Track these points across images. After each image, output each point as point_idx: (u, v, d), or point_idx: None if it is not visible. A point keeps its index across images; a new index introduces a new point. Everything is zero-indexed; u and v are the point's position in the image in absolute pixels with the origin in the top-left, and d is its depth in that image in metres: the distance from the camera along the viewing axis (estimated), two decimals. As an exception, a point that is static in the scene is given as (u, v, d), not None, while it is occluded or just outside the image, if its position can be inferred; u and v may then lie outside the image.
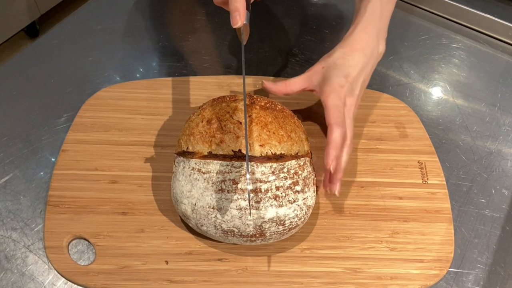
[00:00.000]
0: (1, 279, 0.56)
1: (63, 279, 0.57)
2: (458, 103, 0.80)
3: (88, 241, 0.59)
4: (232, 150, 0.55)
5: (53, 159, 0.67)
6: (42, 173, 0.66)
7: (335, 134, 0.58)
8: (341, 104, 0.60)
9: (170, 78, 0.77)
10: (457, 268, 0.61)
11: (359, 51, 0.64)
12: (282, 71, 0.81)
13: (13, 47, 2.11)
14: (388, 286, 0.58)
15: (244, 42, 0.58)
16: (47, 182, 0.64)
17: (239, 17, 0.56)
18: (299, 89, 0.67)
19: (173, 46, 0.85)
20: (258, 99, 0.60)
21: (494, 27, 0.90)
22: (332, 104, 0.60)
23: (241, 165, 0.54)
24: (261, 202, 0.54)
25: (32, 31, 2.16)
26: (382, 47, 0.67)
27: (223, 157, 0.55)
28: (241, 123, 0.56)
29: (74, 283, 0.56)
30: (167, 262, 0.58)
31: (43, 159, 0.67)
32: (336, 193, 0.60)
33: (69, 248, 0.59)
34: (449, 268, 0.60)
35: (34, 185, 0.64)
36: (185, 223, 0.61)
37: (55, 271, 0.57)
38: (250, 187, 0.54)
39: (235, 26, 0.57)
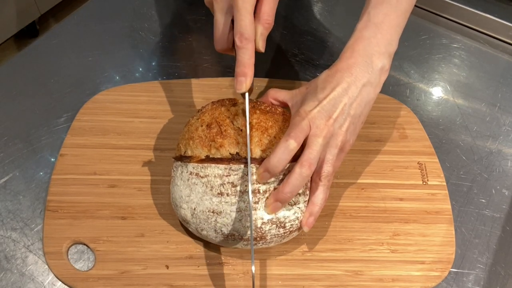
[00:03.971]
0: (1, 279, 0.56)
1: None
2: (458, 103, 0.78)
3: (88, 246, 0.58)
4: (230, 153, 0.54)
5: (52, 159, 0.66)
6: (41, 173, 0.64)
7: (280, 146, 0.52)
8: (304, 126, 0.53)
9: (168, 81, 0.76)
10: (458, 268, 0.60)
11: (345, 70, 0.56)
12: (282, 71, 0.80)
13: (13, 47, 2.10)
14: None
15: (247, 100, 0.55)
16: (46, 182, 0.63)
17: (245, 83, 0.53)
18: (281, 101, 0.62)
19: (173, 46, 0.83)
20: (258, 103, 0.59)
21: (494, 27, 0.88)
22: (292, 122, 0.55)
23: (239, 168, 0.53)
24: (259, 203, 0.53)
25: (32, 31, 2.15)
26: (380, 63, 0.57)
27: (221, 161, 0.54)
28: (241, 130, 0.55)
29: None
30: (167, 267, 0.57)
31: (43, 159, 0.66)
32: (305, 229, 0.56)
33: (69, 253, 0.58)
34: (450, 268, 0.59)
35: (34, 185, 0.63)
36: (185, 227, 0.60)
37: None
38: (251, 188, 0.52)
39: (239, 92, 0.53)
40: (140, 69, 0.79)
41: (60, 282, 0.55)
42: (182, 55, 0.82)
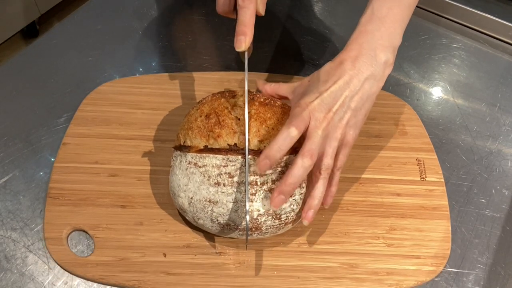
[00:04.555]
0: (1, 279, 0.59)
1: (63, 279, 0.60)
2: (458, 103, 0.83)
3: (87, 233, 0.63)
4: (227, 144, 0.59)
5: (52, 159, 0.70)
6: (42, 173, 0.69)
7: (281, 134, 0.56)
8: (305, 116, 0.58)
9: (171, 74, 0.82)
10: (457, 268, 0.64)
11: (348, 62, 0.60)
12: (282, 71, 0.84)
13: (13, 47, 2.16)
14: (384, 281, 0.61)
15: (247, 60, 0.60)
16: (46, 182, 0.67)
17: (244, 42, 0.58)
18: (283, 95, 0.67)
19: (173, 46, 0.88)
20: (258, 96, 0.64)
21: (494, 27, 0.93)
22: (293, 113, 0.59)
23: (237, 159, 0.58)
24: (257, 195, 0.57)
25: (32, 31, 2.22)
26: (384, 56, 0.61)
27: (219, 151, 0.58)
28: (239, 119, 0.60)
29: (73, 274, 0.60)
30: (165, 255, 0.62)
31: (43, 159, 0.70)
32: (305, 222, 0.59)
33: (68, 239, 0.63)
34: (450, 268, 0.64)
35: (34, 185, 0.68)
36: (183, 217, 0.65)
37: (55, 272, 0.60)
38: (248, 180, 0.57)
39: (238, 50, 0.58)
40: (140, 69, 0.83)
41: (60, 282, 0.60)
42: (182, 55, 0.87)
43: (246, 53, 0.60)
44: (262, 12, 0.61)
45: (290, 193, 0.57)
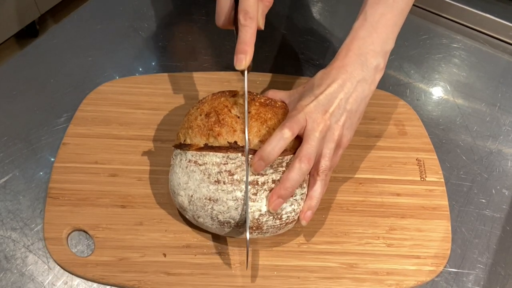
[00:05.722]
0: (1, 279, 0.59)
1: (63, 279, 0.60)
2: (458, 103, 0.83)
3: (87, 233, 0.63)
4: (228, 142, 0.59)
5: (52, 159, 0.70)
6: (41, 173, 0.69)
7: (275, 135, 0.57)
8: (300, 118, 0.59)
9: (171, 74, 0.82)
10: (457, 268, 0.64)
11: (340, 68, 0.62)
12: (282, 71, 0.84)
13: (13, 47, 2.17)
14: (384, 281, 0.61)
15: (246, 78, 0.59)
16: (46, 182, 0.67)
17: (245, 60, 0.57)
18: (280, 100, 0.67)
19: (173, 46, 0.89)
20: (258, 96, 0.64)
21: (494, 27, 0.93)
22: (289, 116, 0.60)
23: (237, 157, 0.58)
24: (258, 194, 0.57)
25: (32, 31, 2.23)
26: (374, 61, 0.63)
27: (219, 149, 0.58)
28: (239, 117, 0.60)
29: (73, 274, 0.60)
30: (165, 255, 0.62)
31: (43, 159, 0.70)
32: (303, 223, 0.60)
33: (68, 239, 0.63)
34: (450, 268, 0.64)
35: (33, 185, 0.68)
36: (183, 217, 0.65)
37: (55, 272, 0.60)
38: (248, 177, 0.57)
39: (238, 68, 0.58)
40: (140, 69, 0.84)
41: (60, 282, 0.60)
42: (182, 55, 0.87)
43: (246, 71, 0.59)
44: (262, 26, 0.61)
45: (288, 196, 0.58)
